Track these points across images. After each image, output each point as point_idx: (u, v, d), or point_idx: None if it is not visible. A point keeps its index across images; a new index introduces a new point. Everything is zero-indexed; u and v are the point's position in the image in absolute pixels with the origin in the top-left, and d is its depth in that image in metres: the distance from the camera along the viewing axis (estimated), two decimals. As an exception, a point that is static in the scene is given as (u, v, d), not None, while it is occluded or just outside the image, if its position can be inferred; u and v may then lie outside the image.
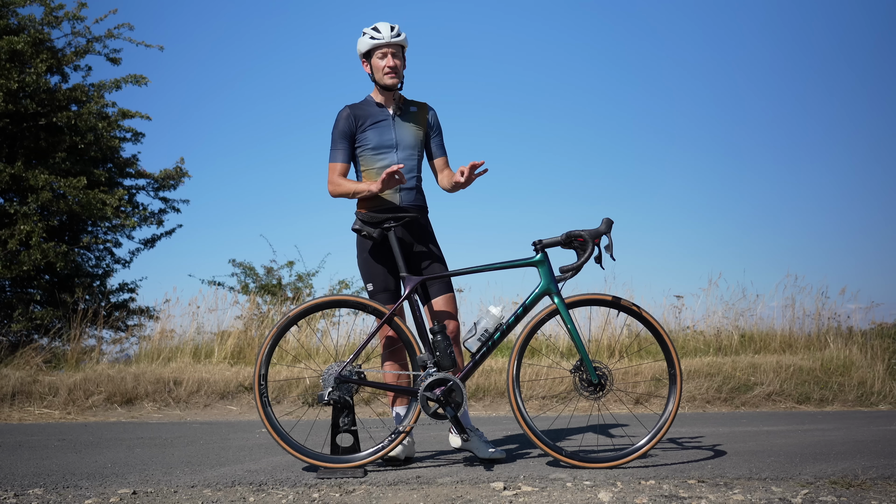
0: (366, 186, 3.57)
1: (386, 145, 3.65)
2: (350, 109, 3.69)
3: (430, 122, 3.79)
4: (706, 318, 9.09)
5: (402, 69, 3.69)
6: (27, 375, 6.65)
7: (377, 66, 3.65)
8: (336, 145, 3.67)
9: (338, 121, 3.68)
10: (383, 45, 3.62)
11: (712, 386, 7.04)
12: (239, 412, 6.46)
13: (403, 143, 3.68)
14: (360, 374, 3.31)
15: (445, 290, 3.65)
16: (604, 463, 3.30)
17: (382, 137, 3.65)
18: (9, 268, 8.08)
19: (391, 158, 3.64)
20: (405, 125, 3.70)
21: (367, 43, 3.63)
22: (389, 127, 3.67)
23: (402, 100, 3.76)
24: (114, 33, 9.24)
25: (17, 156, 8.67)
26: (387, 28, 3.63)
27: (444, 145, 3.85)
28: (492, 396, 6.82)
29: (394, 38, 3.62)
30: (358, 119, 3.66)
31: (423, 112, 3.78)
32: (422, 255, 3.66)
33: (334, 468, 3.19)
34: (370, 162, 3.66)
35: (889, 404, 7.16)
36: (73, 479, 3.11)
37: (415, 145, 3.71)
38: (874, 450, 3.93)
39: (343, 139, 3.66)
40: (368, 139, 3.65)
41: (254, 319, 8.75)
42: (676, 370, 3.41)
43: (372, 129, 3.65)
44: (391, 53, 3.63)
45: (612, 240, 3.38)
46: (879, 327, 9.15)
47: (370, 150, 3.65)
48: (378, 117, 3.68)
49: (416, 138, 3.72)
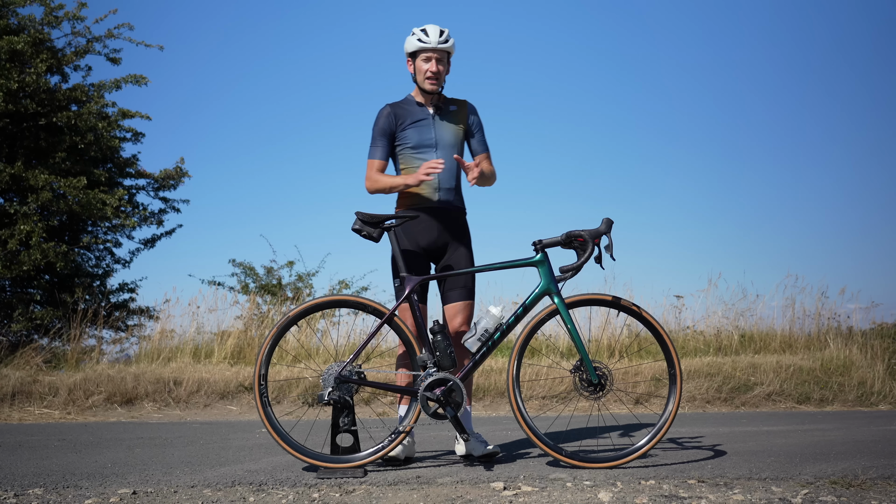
0: (402, 180, 3.59)
1: (426, 144, 3.67)
2: (391, 108, 3.71)
3: (469, 121, 3.79)
4: (706, 318, 9.10)
5: (444, 75, 3.69)
6: (27, 375, 6.65)
7: (420, 68, 3.66)
8: (375, 142, 3.69)
9: (378, 118, 3.70)
10: (429, 50, 3.63)
11: (712, 386, 7.04)
12: (239, 412, 6.46)
13: (443, 141, 3.69)
14: (360, 374, 3.31)
15: (467, 296, 3.66)
16: (604, 463, 3.30)
17: (422, 136, 3.67)
18: (9, 268, 8.08)
19: (431, 157, 3.66)
20: (445, 124, 3.72)
21: (414, 44, 3.65)
22: (429, 126, 3.69)
23: (442, 99, 3.76)
24: (114, 33, 9.25)
25: (17, 156, 8.67)
26: (435, 32, 3.64)
27: (486, 142, 3.84)
28: (492, 396, 6.82)
29: (440, 44, 3.62)
30: (398, 117, 3.68)
31: (463, 110, 3.79)
32: (453, 259, 3.66)
33: (334, 468, 3.19)
34: (410, 160, 3.68)
35: (889, 404, 7.16)
36: (73, 479, 3.11)
37: (454, 144, 3.72)
38: (874, 450, 3.93)
39: (383, 136, 3.68)
40: (408, 138, 3.67)
41: (254, 319, 8.75)
42: (676, 370, 3.41)
43: (412, 127, 3.67)
44: (436, 59, 3.64)
45: (612, 240, 3.38)
46: (879, 327, 9.15)
47: (410, 149, 3.67)
48: (418, 116, 3.69)
49: (456, 137, 3.73)
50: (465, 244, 3.70)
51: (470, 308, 3.67)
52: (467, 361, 3.51)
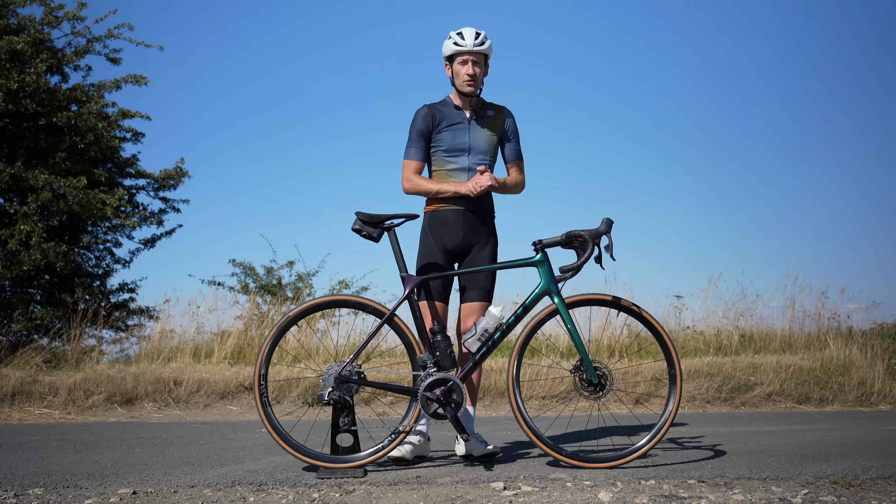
0: (453, 188, 3.61)
1: (459, 148, 3.67)
2: (428, 109, 3.72)
3: (505, 127, 3.79)
4: (706, 318, 9.10)
5: (481, 77, 3.69)
6: (27, 375, 6.65)
7: (458, 71, 3.66)
8: (413, 143, 3.70)
9: (416, 119, 3.71)
10: (465, 53, 3.63)
11: (712, 386, 7.04)
12: (239, 412, 6.46)
13: (477, 147, 3.69)
14: (360, 374, 3.31)
15: (484, 297, 3.66)
16: (604, 463, 3.30)
17: (456, 140, 3.67)
18: (9, 268, 8.08)
19: (463, 162, 3.67)
20: (480, 129, 3.71)
21: (451, 48, 3.65)
22: (465, 130, 3.69)
23: (480, 103, 3.76)
24: (114, 33, 9.25)
25: (17, 156, 8.67)
26: (471, 35, 3.64)
27: (520, 150, 3.84)
28: (492, 396, 6.82)
29: (476, 47, 3.62)
30: (435, 119, 3.69)
31: (500, 116, 3.78)
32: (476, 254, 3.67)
33: (334, 468, 3.19)
34: (442, 164, 3.69)
35: (889, 404, 7.16)
36: (73, 479, 3.10)
37: (488, 150, 3.72)
38: (874, 450, 3.93)
39: (420, 137, 3.69)
40: (443, 140, 3.68)
41: (254, 319, 8.75)
42: (676, 370, 3.41)
43: (447, 130, 3.68)
44: (472, 61, 3.64)
45: (612, 240, 3.38)
46: (879, 327, 9.15)
47: (443, 152, 3.68)
48: (454, 119, 3.70)
49: (490, 143, 3.73)
50: (490, 246, 3.71)
51: (485, 310, 3.67)
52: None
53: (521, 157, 3.84)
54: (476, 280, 3.65)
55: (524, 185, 3.86)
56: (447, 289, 3.67)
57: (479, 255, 3.68)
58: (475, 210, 3.67)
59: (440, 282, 3.63)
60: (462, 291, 3.70)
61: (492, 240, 3.72)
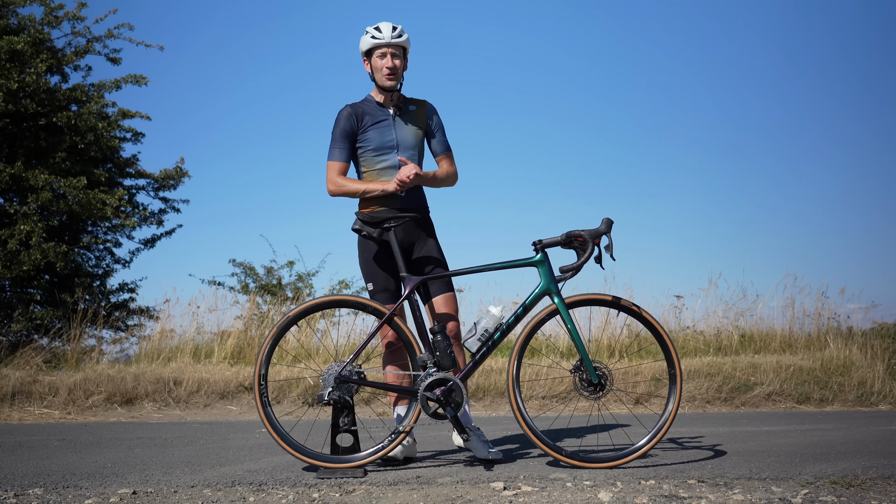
0: (380, 186, 3.57)
1: (387, 146, 3.65)
2: (351, 108, 3.68)
3: (429, 121, 3.77)
4: (706, 318, 9.10)
5: (401, 70, 3.67)
6: (27, 375, 6.65)
7: (377, 65, 3.65)
8: (336, 144, 3.66)
9: (339, 119, 3.67)
10: (383, 45, 3.62)
11: (712, 386, 7.04)
12: (239, 412, 6.46)
13: (404, 143, 3.67)
14: (360, 374, 3.31)
15: (445, 289, 3.64)
16: (604, 463, 3.30)
17: (384, 138, 3.64)
18: (9, 268, 8.08)
19: (392, 159, 3.64)
20: (405, 125, 3.70)
21: (368, 42, 3.63)
22: (390, 127, 3.67)
23: (401, 99, 3.75)
24: (114, 33, 9.25)
25: (17, 156, 8.67)
26: (388, 28, 3.63)
27: (447, 142, 3.82)
28: (492, 396, 6.82)
29: (394, 39, 3.61)
30: (359, 118, 3.66)
31: (422, 110, 3.77)
32: (423, 255, 3.65)
33: (334, 468, 3.19)
34: (371, 163, 3.66)
35: (889, 404, 7.16)
36: (73, 479, 3.10)
37: (415, 145, 3.70)
38: (874, 450, 3.93)
39: (344, 138, 3.65)
40: (370, 140, 3.64)
41: (254, 319, 8.75)
42: (676, 370, 3.41)
43: (373, 129, 3.65)
44: (391, 54, 3.62)
45: (612, 240, 3.38)
46: (879, 327, 9.15)
47: (371, 151, 3.65)
48: (379, 117, 3.67)
49: (417, 138, 3.72)
50: (431, 240, 3.68)
51: (453, 299, 3.65)
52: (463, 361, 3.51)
53: (449, 148, 3.81)
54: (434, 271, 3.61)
55: (457, 177, 3.83)
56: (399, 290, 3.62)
57: (424, 250, 3.65)
58: (410, 209, 3.63)
59: (395, 285, 3.59)
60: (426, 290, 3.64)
61: (431, 235, 3.70)
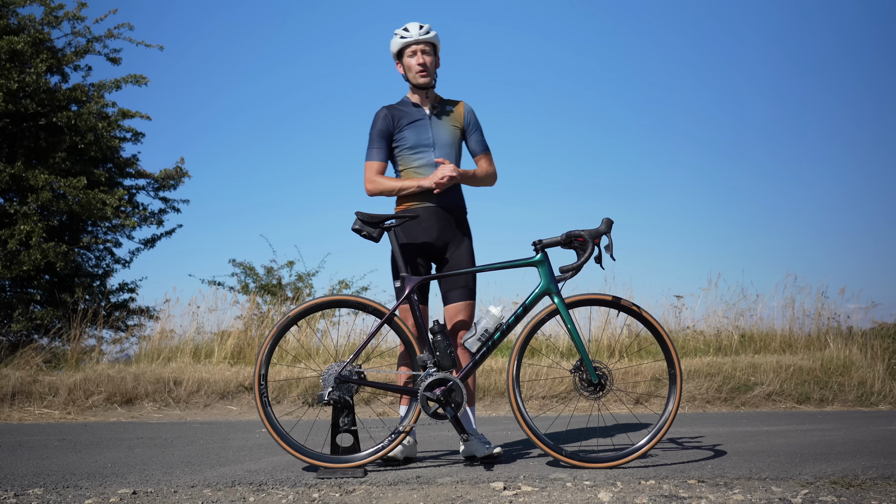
0: (416, 182, 3.59)
1: (423, 144, 3.66)
2: (387, 109, 3.71)
3: (466, 120, 3.78)
4: (706, 318, 9.11)
5: (433, 67, 3.69)
6: (27, 375, 6.65)
7: (409, 65, 3.66)
8: (374, 144, 3.69)
9: (375, 120, 3.70)
10: (412, 43, 3.63)
11: (712, 386, 7.04)
12: (239, 412, 6.46)
13: (440, 141, 3.69)
14: (360, 374, 3.31)
15: (468, 296, 3.65)
16: (604, 463, 3.30)
17: (420, 136, 3.66)
18: (9, 268, 8.08)
19: (428, 157, 3.66)
20: (442, 124, 3.71)
21: (398, 43, 3.65)
22: (426, 126, 3.69)
23: (437, 99, 3.77)
24: (114, 33, 9.25)
25: (17, 156, 8.67)
26: (415, 27, 3.65)
27: (485, 141, 3.83)
28: (492, 396, 6.82)
29: (422, 36, 3.62)
30: (395, 118, 3.68)
31: (459, 110, 3.78)
32: (454, 258, 3.65)
33: (334, 468, 3.19)
34: (408, 161, 3.68)
35: (889, 404, 7.16)
36: (73, 479, 3.10)
37: (452, 143, 3.71)
38: (874, 450, 3.93)
39: (381, 138, 3.68)
40: (406, 138, 3.66)
41: (254, 319, 8.75)
42: (676, 370, 3.41)
43: (409, 128, 3.67)
44: (421, 51, 3.64)
45: (612, 240, 3.38)
46: (879, 327, 9.15)
47: (408, 150, 3.67)
48: (415, 117, 3.69)
49: (453, 137, 3.73)
50: (466, 243, 3.69)
51: (471, 308, 3.67)
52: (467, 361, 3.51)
53: (487, 148, 3.82)
54: (458, 280, 3.63)
55: (496, 177, 3.84)
56: (426, 291, 3.64)
57: (457, 253, 3.66)
58: (446, 206, 3.65)
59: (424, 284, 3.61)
60: (445, 293, 3.67)
61: (466, 237, 3.71)
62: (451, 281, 3.64)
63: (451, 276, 3.60)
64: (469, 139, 3.80)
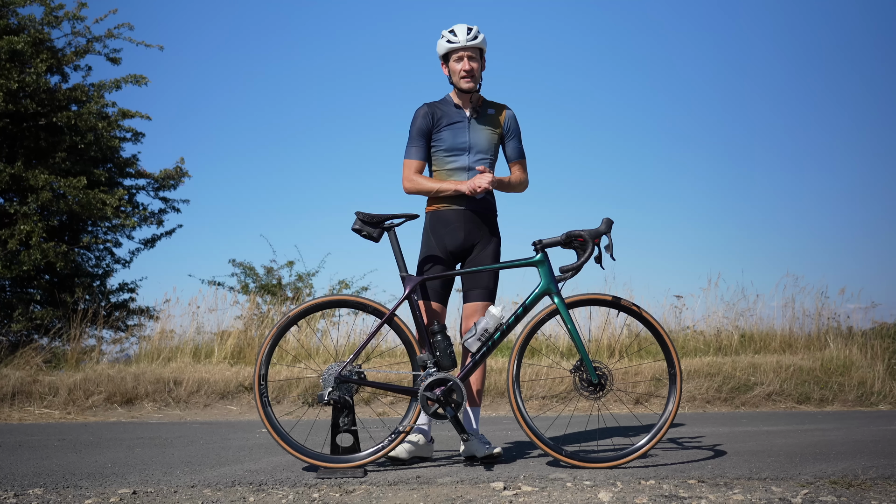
0: (453, 186, 3.60)
1: (459, 147, 3.66)
2: (428, 107, 3.71)
3: (506, 126, 3.77)
4: (706, 318, 9.10)
5: (478, 72, 3.68)
6: (27, 375, 6.65)
7: (454, 69, 3.65)
8: (413, 142, 3.69)
9: (416, 118, 3.70)
10: (459, 49, 3.62)
11: (712, 386, 7.04)
12: (239, 412, 6.46)
13: (477, 146, 3.68)
14: (360, 374, 3.31)
15: (487, 297, 3.65)
16: (604, 463, 3.30)
17: (456, 139, 3.66)
18: (9, 268, 8.08)
19: (463, 161, 3.66)
20: (480, 128, 3.70)
21: (444, 46, 3.65)
22: (465, 129, 3.68)
23: (480, 102, 3.75)
24: (114, 33, 9.25)
25: (17, 156, 8.67)
26: (463, 31, 3.63)
27: (522, 148, 3.82)
28: (492, 396, 6.82)
29: (469, 42, 3.61)
30: (435, 117, 3.68)
31: (500, 114, 3.77)
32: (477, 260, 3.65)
33: (334, 468, 3.19)
34: (442, 163, 3.69)
35: (889, 404, 7.16)
36: (73, 479, 3.10)
37: (488, 149, 3.71)
38: (874, 450, 3.93)
39: (420, 137, 3.68)
40: (443, 140, 3.67)
41: (254, 319, 8.75)
42: (676, 370, 3.41)
43: (447, 129, 3.67)
44: (468, 56, 3.63)
45: (612, 240, 3.38)
46: (879, 327, 9.15)
47: (443, 152, 3.67)
48: (454, 118, 3.69)
49: (491, 142, 3.72)
50: (493, 244, 3.69)
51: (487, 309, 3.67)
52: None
53: (523, 155, 3.82)
54: (479, 280, 3.64)
55: (527, 184, 3.85)
56: (446, 290, 3.66)
57: (481, 254, 3.66)
58: (477, 210, 3.66)
59: (439, 282, 3.62)
60: (465, 292, 3.69)
61: (494, 239, 3.71)
62: (474, 280, 3.65)
63: (472, 275, 3.61)
64: (507, 145, 3.79)
